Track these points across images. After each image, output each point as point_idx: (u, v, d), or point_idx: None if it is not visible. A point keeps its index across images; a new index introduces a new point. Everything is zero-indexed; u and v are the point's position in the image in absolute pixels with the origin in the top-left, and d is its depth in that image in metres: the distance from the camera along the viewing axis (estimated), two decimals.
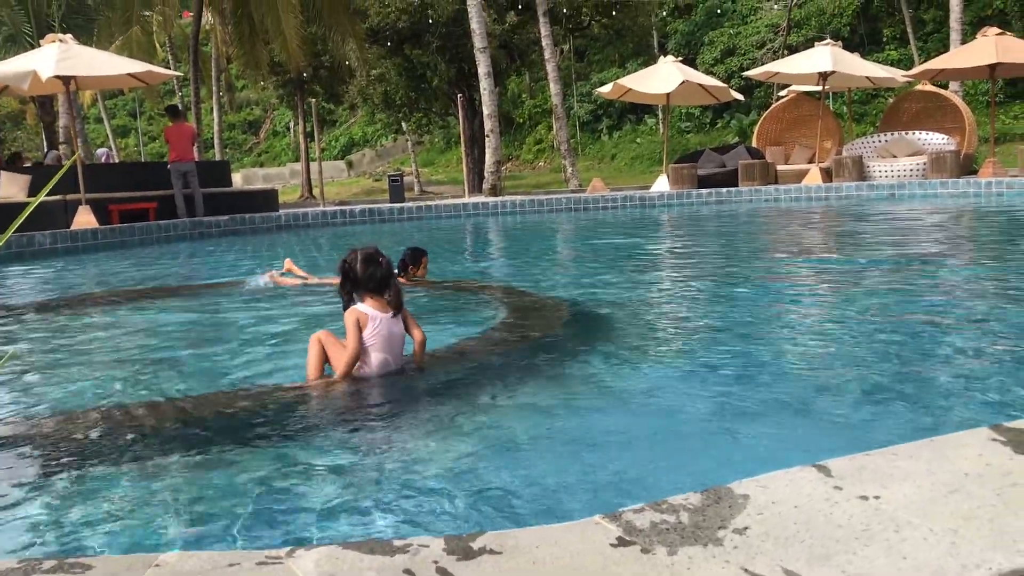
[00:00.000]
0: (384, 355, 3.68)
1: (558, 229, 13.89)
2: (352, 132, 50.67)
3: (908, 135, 18.65)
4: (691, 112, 33.78)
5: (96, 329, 5.91)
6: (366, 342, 3.64)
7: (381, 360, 3.68)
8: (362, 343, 3.64)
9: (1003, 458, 1.78)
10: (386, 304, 3.70)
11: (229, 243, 12.92)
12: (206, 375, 4.28)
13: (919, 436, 1.99)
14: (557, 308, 5.78)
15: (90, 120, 48.89)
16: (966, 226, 11.20)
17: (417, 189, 32.69)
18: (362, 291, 3.71)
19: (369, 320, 3.63)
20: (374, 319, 3.64)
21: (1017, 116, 26.10)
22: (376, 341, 3.65)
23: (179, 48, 40.87)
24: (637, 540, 1.50)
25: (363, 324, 3.63)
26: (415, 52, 27.77)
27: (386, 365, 3.70)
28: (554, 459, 2.79)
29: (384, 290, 3.70)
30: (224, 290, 7.31)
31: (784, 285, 6.70)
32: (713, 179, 18.85)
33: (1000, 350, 4.04)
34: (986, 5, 27.94)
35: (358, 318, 3.63)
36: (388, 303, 3.70)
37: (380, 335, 3.65)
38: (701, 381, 3.74)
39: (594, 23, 29.66)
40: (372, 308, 3.67)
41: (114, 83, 19.46)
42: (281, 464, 2.83)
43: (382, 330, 3.66)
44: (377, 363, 3.68)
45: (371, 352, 3.66)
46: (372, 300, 3.70)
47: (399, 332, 3.75)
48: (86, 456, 3.05)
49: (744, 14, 35.03)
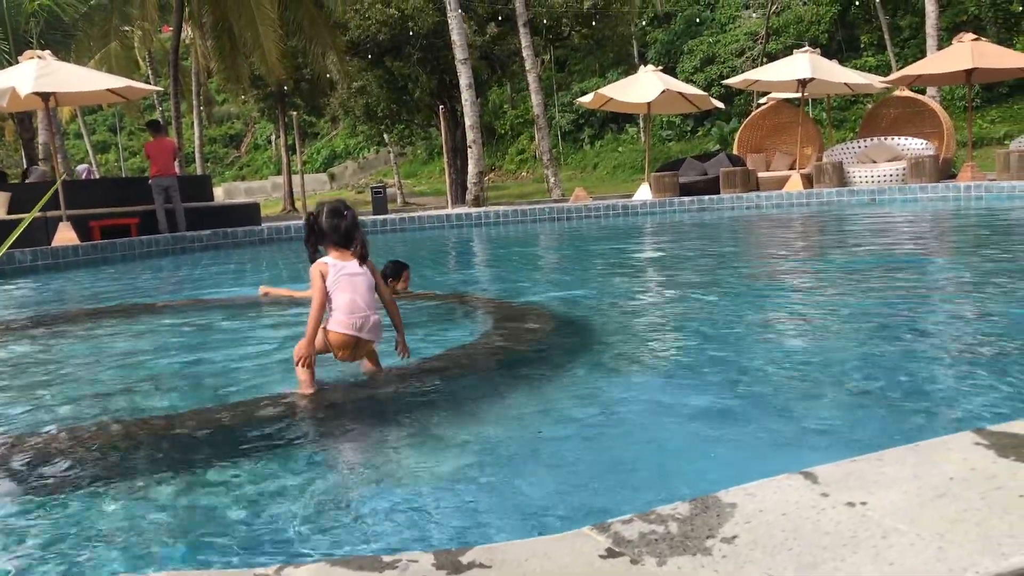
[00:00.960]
0: (350, 295, 3.68)
1: (541, 239, 13.91)
2: (334, 144, 50.64)
3: (887, 140, 18.80)
4: (672, 120, 33.94)
5: (106, 343, 5.86)
6: (330, 288, 3.65)
7: (347, 300, 3.67)
8: (327, 291, 3.65)
9: (987, 462, 1.79)
10: (351, 256, 3.73)
11: (212, 257, 12.86)
12: (195, 390, 4.26)
13: (904, 441, 2.00)
14: (542, 318, 5.78)
15: (70, 136, 48.69)
16: (946, 230, 11.29)
17: (400, 201, 32.71)
18: (327, 244, 3.75)
19: (330, 267, 3.66)
20: (335, 265, 3.67)
21: (994, 120, 26.37)
22: (339, 282, 3.66)
23: (159, 62, 40.77)
24: (626, 551, 1.50)
25: (325, 273, 3.66)
26: (396, 64, 27.79)
27: (354, 306, 3.68)
28: (541, 470, 2.79)
29: (349, 243, 3.72)
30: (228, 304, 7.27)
31: (767, 291, 6.73)
32: (695, 187, 18.93)
33: (982, 353, 4.07)
34: (961, 11, 28.25)
35: (320, 269, 3.66)
36: (353, 254, 3.72)
37: (343, 275, 3.67)
38: (686, 389, 3.75)
39: (574, 33, 29.80)
40: (335, 259, 3.71)
41: (94, 99, 19.37)
42: (266, 481, 2.81)
43: (344, 271, 3.67)
44: (344, 303, 3.67)
45: (337, 295, 3.67)
46: (337, 252, 3.73)
47: (366, 278, 3.74)
48: (67, 476, 3.02)
49: (723, 23, 35.27)
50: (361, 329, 3.71)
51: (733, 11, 35.17)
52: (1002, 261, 7.69)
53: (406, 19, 26.17)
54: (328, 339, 3.73)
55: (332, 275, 3.65)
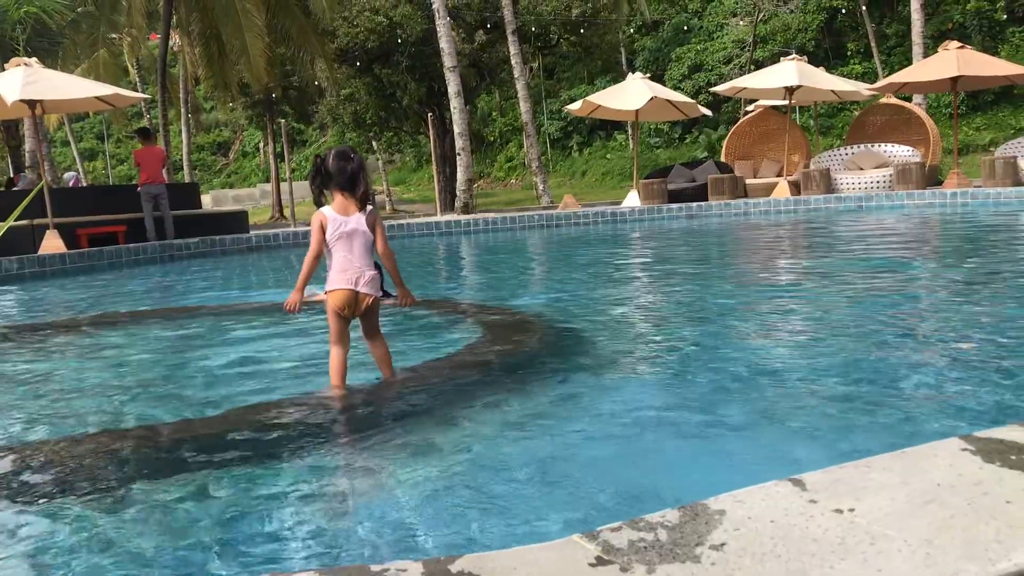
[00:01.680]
0: (344, 253, 3.84)
1: (531, 246, 13.92)
2: (322, 152, 50.58)
3: (874, 147, 18.91)
4: (660, 128, 34.06)
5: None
6: (328, 242, 3.82)
7: (341, 258, 3.84)
8: (325, 244, 3.83)
9: (974, 468, 1.80)
10: (354, 202, 3.86)
11: (200, 265, 12.82)
12: (186, 401, 4.24)
13: (891, 447, 2.00)
14: (531, 325, 5.79)
15: (57, 143, 48.48)
16: (932, 236, 11.35)
17: (389, 208, 32.68)
18: (332, 186, 3.88)
19: (330, 222, 3.82)
20: (334, 220, 3.82)
21: (979, 128, 26.56)
22: (337, 241, 3.82)
23: (147, 70, 40.68)
24: (616, 559, 1.50)
25: (324, 225, 3.82)
26: (385, 71, 27.80)
27: (347, 263, 3.84)
28: (530, 478, 2.79)
29: (354, 187, 3.86)
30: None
31: (755, 298, 6.75)
32: (683, 194, 19.00)
33: (968, 359, 4.09)
34: (947, 19, 28.47)
35: (320, 220, 3.82)
36: (356, 198, 3.86)
37: (341, 233, 3.82)
38: (675, 396, 3.76)
39: (563, 41, 29.88)
40: (336, 211, 3.85)
41: (81, 106, 19.28)
42: (255, 489, 2.80)
43: (343, 229, 3.82)
44: (338, 262, 3.84)
45: (333, 253, 3.84)
46: (340, 197, 3.87)
47: (364, 235, 3.87)
48: (59, 486, 3.00)
49: (711, 30, 35.43)
50: (356, 283, 3.85)
51: (721, 19, 35.34)
52: (988, 267, 7.73)
53: (394, 27, 26.20)
54: (329, 300, 3.89)
55: (330, 231, 3.81)
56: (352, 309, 3.90)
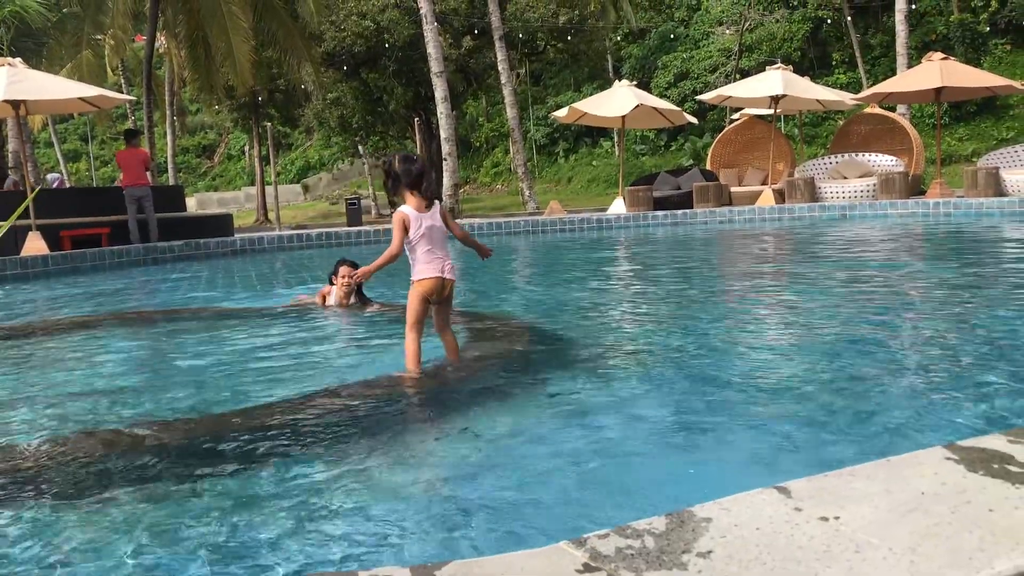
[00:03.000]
0: (428, 246, 4.29)
1: (517, 252, 13.93)
2: (308, 156, 50.43)
3: (858, 157, 19.02)
4: (646, 135, 34.16)
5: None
6: (412, 238, 4.25)
7: (426, 251, 4.28)
8: (409, 239, 4.25)
9: (957, 476, 1.82)
10: (425, 200, 4.28)
11: (184, 268, 12.75)
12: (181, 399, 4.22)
13: (876, 456, 2.02)
14: (517, 331, 5.79)
15: (40, 144, 48.17)
16: (915, 245, 11.43)
17: (375, 212, 32.61)
18: (402, 187, 4.31)
19: (412, 220, 4.24)
20: (416, 219, 4.25)
21: (962, 138, 26.78)
22: (420, 237, 4.25)
23: (132, 71, 40.47)
24: (603, 566, 1.50)
25: (407, 223, 4.23)
26: (371, 76, 27.78)
27: (432, 255, 4.30)
28: (517, 485, 2.79)
29: (420, 184, 4.29)
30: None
31: (740, 306, 6.78)
32: (668, 201, 19.05)
33: (952, 368, 4.12)
34: (931, 30, 28.71)
35: (403, 218, 4.24)
36: (425, 195, 4.29)
37: (423, 229, 4.26)
38: (661, 404, 3.77)
39: (550, 48, 29.96)
40: (413, 208, 4.27)
41: (65, 107, 19.15)
42: (246, 493, 2.79)
43: (424, 225, 4.26)
44: (423, 253, 4.28)
45: (418, 248, 4.27)
46: (411, 196, 4.29)
47: (439, 226, 4.33)
48: (56, 487, 2.98)
49: (697, 39, 35.59)
50: (443, 271, 4.31)
51: (707, 27, 35.51)
52: (970, 276, 7.79)
53: (382, 31, 26.18)
54: (418, 290, 4.28)
55: (414, 229, 4.24)
56: (439, 294, 4.33)
